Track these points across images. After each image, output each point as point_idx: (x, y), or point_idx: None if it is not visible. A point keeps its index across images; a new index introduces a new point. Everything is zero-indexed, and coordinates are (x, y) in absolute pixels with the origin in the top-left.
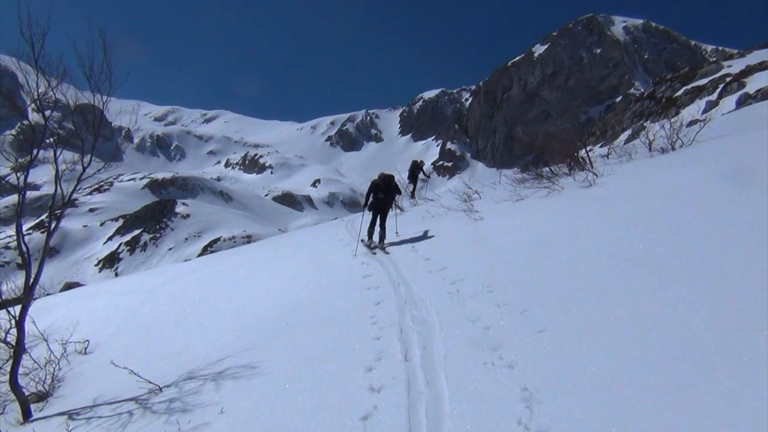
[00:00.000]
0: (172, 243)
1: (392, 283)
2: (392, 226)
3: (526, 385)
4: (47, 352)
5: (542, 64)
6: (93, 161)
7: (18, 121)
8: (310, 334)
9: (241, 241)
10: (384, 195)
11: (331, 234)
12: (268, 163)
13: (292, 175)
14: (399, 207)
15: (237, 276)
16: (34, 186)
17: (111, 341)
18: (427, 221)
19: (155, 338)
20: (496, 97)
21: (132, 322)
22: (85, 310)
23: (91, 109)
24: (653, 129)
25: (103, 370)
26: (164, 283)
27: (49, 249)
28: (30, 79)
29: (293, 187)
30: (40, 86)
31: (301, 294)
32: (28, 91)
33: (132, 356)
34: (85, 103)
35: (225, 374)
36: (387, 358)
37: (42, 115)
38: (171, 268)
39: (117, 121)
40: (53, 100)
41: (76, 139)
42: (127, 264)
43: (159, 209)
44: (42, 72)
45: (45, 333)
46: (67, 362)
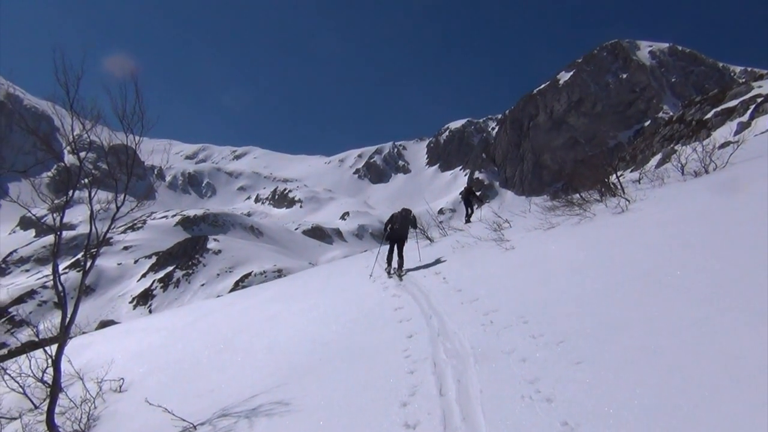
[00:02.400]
0: (204, 279)
1: (424, 316)
2: (407, 252)
3: (566, 420)
4: (83, 391)
5: (568, 91)
6: (127, 200)
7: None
8: (343, 369)
9: (272, 276)
10: (399, 226)
11: (361, 266)
12: (297, 198)
13: (321, 209)
14: (429, 238)
15: (268, 311)
16: (70, 226)
17: (145, 379)
18: (457, 252)
19: (189, 375)
20: (522, 125)
21: (166, 359)
22: (119, 347)
23: (125, 150)
24: (685, 152)
25: (138, 408)
26: (197, 320)
27: (85, 287)
28: (65, 122)
29: (322, 221)
30: (75, 129)
31: (333, 328)
32: (64, 134)
33: (166, 394)
34: (119, 144)
35: (258, 411)
36: (421, 393)
37: (77, 157)
38: (203, 305)
39: (149, 161)
40: (88, 142)
41: (111, 179)
42: (161, 301)
43: (191, 246)
44: (77, 115)
45: (81, 371)
46: (102, 400)
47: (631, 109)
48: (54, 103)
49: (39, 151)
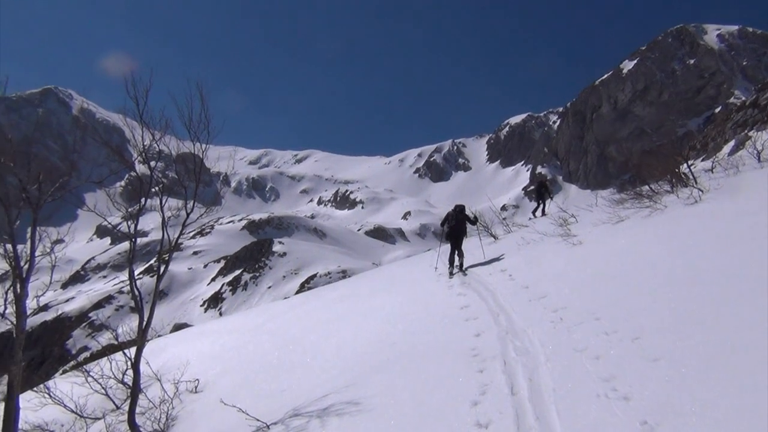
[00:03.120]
0: (271, 281)
1: (491, 314)
2: (472, 250)
3: (645, 419)
4: (161, 392)
5: (632, 80)
6: (195, 207)
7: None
8: (411, 369)
9: (337, 277)
10: (455, 223)
11: (425, 265)
12: (359, 199)
13: (382, 209)
14: (492, 235)
15: (335, 312)
16: (143, 233)
17: (219, 380)
18: (522, 248)
19: (260, 376)
20: (585, 117)
21: (237, 360)
22: (194, 349)
23: (192, 158)
24: (761, 138)
25: (213, 408)
26: (266, 322)
27: (159, 292)
28: (136, 133)
29: (384, 221)
30: (145, 139)
31: (399, 328)
32: (135, 145)
33: (239, 394)
34: (186, 153)
35: (329, 411)
36: (492, 392)
37: (148, 166)
38: (271, 307)
39: (215, 167)
40: (157, 152)
41: (180, 186)
42: (230, 303)
43: (257, 249)
44: (146, 126)
45: (158, 373)
46: (179, 401)
47: (700, 96)
48: (125, 115)
49: (112, 162)
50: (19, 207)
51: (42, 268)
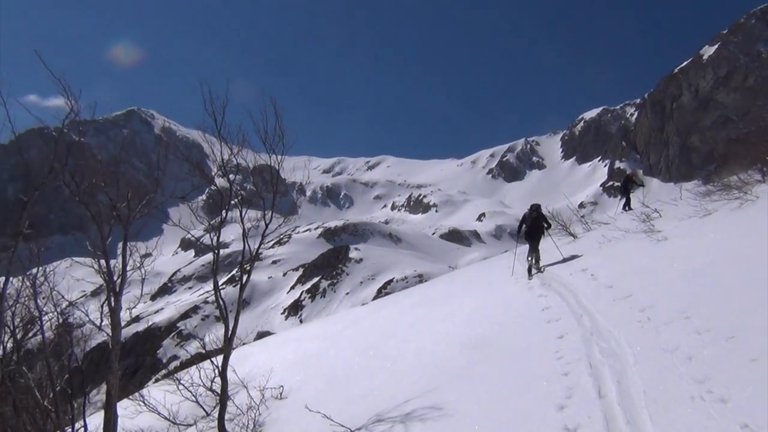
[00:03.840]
0: (349, 287)
1: (574, 315)
2: (549, 251)
3: (745, 422)
4: (248, 399)
5: (714, 66)
6: (273, 217)
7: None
8: (494, 372)
9: (414, 281)
10: (531, 224)
11: (502, 267)
12: (432, 202)
13: (456, 212)
14: (571, 234)
15: (413, 316)
16: (224, 244)
17: (302, 386)
18: (604, 247)
19: (342, 382)
20: (664, 108)
21: (320, 366)
22: (277, 356)
23: (268, 170)
24: None
25: (298, 414)
26: (346, 328)
27: (241, 301)
28: (215, 148)
29: (459, 223)
30: (224, 154)
31: (479, 331)
32: (214, 159)
33: (323, 400)
34: (263, 164)
35: (412, 416)
36: (579, 395)
37: (227, 180)
38: (350, 313)
39: (291, 177)
40: (235, 165)
41: (257, 198)
42: (310, 310)
43: (334, 256)
44: (225, 141)
45: (244, 380)
46: (265, 407)
47: None
48: (204, 131)
49: (193, 177)
50: (110, 224)
51: (132, 281)
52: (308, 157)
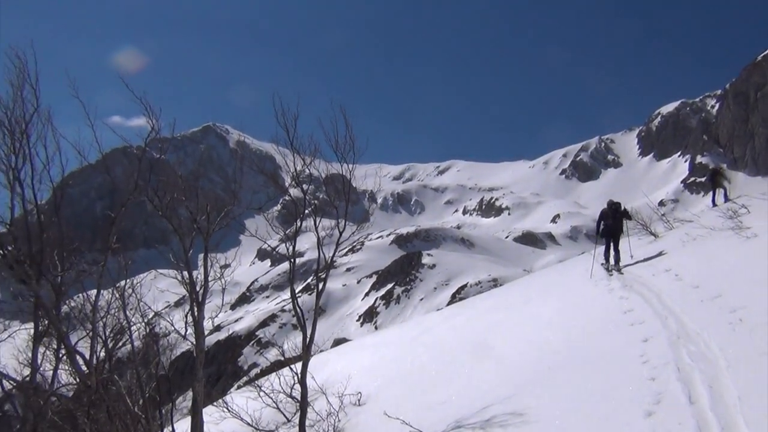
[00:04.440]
0: (423, 293)
1: (658, 317)
2: (626, 249)
3: None
4: (327, 405)
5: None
6: (347, 225)
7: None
8: (575, 377)
9: (488, 286)
10: (611, 221)
11: (580, 269)
12: (505, 205)
13: (529, 214)
14: (652, 233)
15: (489, 321)
16: (299, 253)
17: (380, 392)
18: (688, 245)
19: (420, 388)
20: (748, 98)
21: (397, 373)
22: (354, 363)
23: (340, 178)
24: None
25: (377, 420)
26: (421, 334)
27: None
28: (288, 159)
29: (533, 226)
30: (297, 164)
31: (559, 335)
32: (287, 170)
33: (401, 406)
34: (335, 174)
35: (492, 423)
36: (667, 401)
37: (301, 190)
38: (425, 319)
39: (362, 185)
40: (307, 175)
41: (330, 207)
42: (385, 317)
43: (407, 262)
44: (297, 152)
45: (323, 387)
46: (344, 414)
47: None
48: (277, 143)
49: (268, 188)
50: (191, 236)
51: (213, 291)
52: (379, 164)
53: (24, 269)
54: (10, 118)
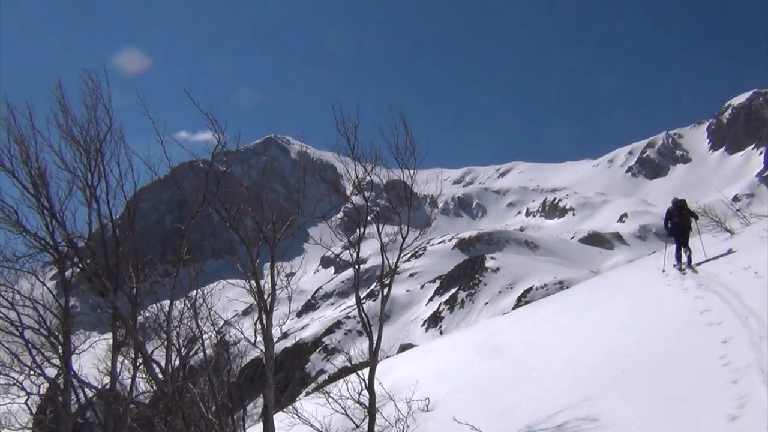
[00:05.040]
0: (487, 297)
1: (738, 317)
2: (699, 247)
3: None
4: (395, 411)
5: None
6: (409, 231)
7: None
8: (651, 381)
9: (554, 288)
10: (678, 219)
11: (651, 269)
12: (569, 206)
13: (595, 214)
14: (727, 229)
15: (558, 324)
16: (362, 260)
17: (448, 398)
18: (767, 242)
19: (488, 393)
20: None
21: (464, 378)
22: (421, 368)
23: (401, 184)
24: None
25: (446, 426)
26: (487, 338)
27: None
28: (349, 167)
29: (599, 226)
30: (358, 172)
31: (631, 338)
32: (349, 178)
33: (470, 412)
34: (396, 180)
35: (565, 428)
36: (752, 405)
37: (362, 197)
38: (491, 323)
39: (423, 191)
40: (369, 182)
41: (392, 213)
42: (449, 322)
43: (470, 266)
44: (358, 160)
45: (391, 393)
46: (413, 420)
47: None
48: (338, 152)
49: (330, 196)
50: (258, 246)
51: (280, 299)
52: (439, 168)
53: (102, 282)
54: (85, 138)
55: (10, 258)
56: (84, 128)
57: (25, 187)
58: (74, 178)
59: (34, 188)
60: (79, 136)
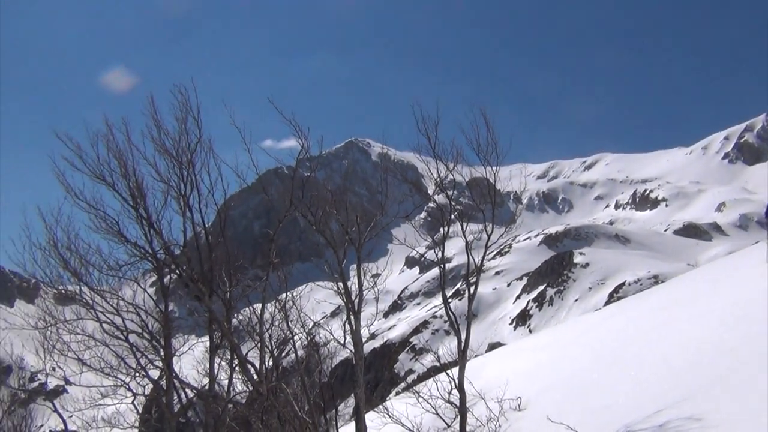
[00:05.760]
0: (577, 294)
1: None
2: None
3: None
4: (486, 410)
5: None
6: (494, 228)
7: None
8: (758, 379)
9: (648, 283)
10: None
11: (754, 260)
12: (661, 197)
13: (690, 204)
14: None
15: (654, 320)
16: (447, 259)
17: (540, 397)
18: None
19: (581, 392)
20: None
21: (556, 376)
22: (510, 367)
23: (484, 182)
24: None
25: (539, 425)
26: (579, 336)
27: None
28: (431, 166)
29: (695, 217)
30: (440, 171)
31: (735, 333)
32: (431, 177)
33: (563, 411)
34: (478, 177)
35: (667, 428)
36: None
37: (445, 195)
38: (582, 320)
39: (507, 187)
40: (450, 181)
41: (476, 211)
42: (538, 320)
43: (558, 262)
44: (439, 158)
45: (481, 392)
46: (505, 419)
47: None
48: (419, 152)
49: (412, 197)
50: (344, 248)
51: (367, 300)
52: (522, 164)
53: (198, 287)
54: (177, 150)
55: (113, 266)
56: (176, 140)
57: (124, 199)
58: (169, 188)
59: (133, 200)
60: (172, 148)
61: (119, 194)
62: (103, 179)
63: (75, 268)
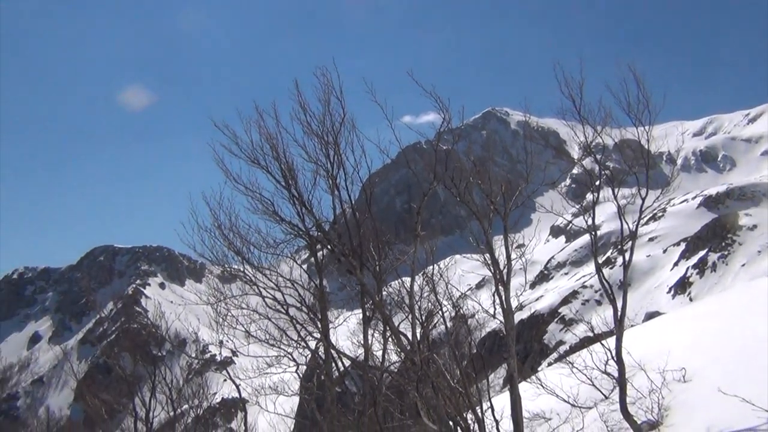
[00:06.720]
0: (744, 258)
1: None
2: None
3: None
4: (647, 381)
5: None
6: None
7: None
8: None
9: None
10: None
11: None
12: None
13: None
14: None
15: None
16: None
17: (706, 368)
18: None
19: (756, 362)
20: None
21: (724, 347)
22: (672, 337)
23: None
24: None
25: (708, 397)
26: (750, 302)
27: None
28: (577, 130)
29: None
30: (587, 134)
31: None
32: (578, 141)
33: (734, 383)
34: (628, 139)
35: None
36: None
37: (594, 159)
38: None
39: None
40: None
41: (626, 174)
42: (700, 287)
43: (720, 226)
44: (585, 121)
45: (640, 362)
46: (668, 390)
47: None
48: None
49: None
50: (489, 218)
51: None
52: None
53: (350, 261)
54: (323, 130)
55: (272, 245)
56: (321, 121)
57: (278, 181)
58: (318, 168)
59: (285, 181)
60: (318, 129)
61: (273, 176)
62: (258, 163)
63: (238, 248)
